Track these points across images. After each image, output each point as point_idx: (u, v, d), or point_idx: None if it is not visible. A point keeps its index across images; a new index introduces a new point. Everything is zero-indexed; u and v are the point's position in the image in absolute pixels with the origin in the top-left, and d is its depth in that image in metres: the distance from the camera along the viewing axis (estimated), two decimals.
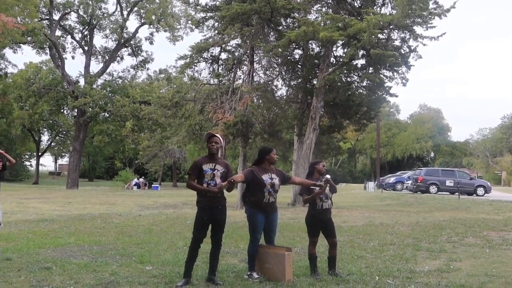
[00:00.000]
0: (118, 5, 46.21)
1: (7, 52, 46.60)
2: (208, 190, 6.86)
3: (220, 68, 24.82)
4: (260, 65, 25.10)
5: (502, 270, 8.13)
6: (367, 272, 7.86)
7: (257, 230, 7.33)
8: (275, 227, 7.56)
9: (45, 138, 71.43)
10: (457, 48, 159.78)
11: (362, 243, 11.12)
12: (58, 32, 45.68)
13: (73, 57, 52.47)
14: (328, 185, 7.46)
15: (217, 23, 24.14)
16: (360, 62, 22.37)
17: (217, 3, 23.51)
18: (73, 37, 47.65)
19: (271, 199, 7.32)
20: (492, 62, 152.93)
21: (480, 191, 34.38)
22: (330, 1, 22.79)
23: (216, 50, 24.57)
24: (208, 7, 23.80)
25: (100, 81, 46.34)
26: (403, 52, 21.05)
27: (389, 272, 7.82)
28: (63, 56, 45.41)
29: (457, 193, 29.84)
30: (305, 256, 8.35)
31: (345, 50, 21.44)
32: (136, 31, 47.36)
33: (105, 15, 46.67)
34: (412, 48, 21.16)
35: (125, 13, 46.40)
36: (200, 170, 6.93)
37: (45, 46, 43.27)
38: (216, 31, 24.05)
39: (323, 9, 23.16)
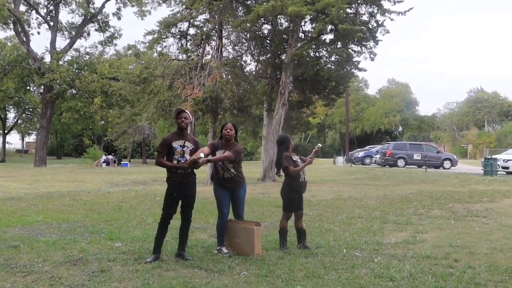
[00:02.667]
0: None
1: None
2: (178, 167, 6.85)
3: (188, 44, 24.59)
4: (229, 40, 24.94)
5: (467, 240, 8.33)
6: (335, 245, 7.97)
7: (223, 204, 7.40)
8: (241, 202, 7.60)
9: (11, 115, 70.15)
10: (426, 24, 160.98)
11: (331, 217, 11.26)
12: (22, 7, 44.62)
13: (38, 33, 51.54)
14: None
15: None
16: (329, 37, 22.44)
17: None
18: (38, 12, 46.56)
19: (226, 175, 7.36)
20: (460, 37, 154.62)
21: (447, 164, 34.99)
22: None
23: (184, 25, 24.33)
24: None
25: (67, 58, 45.55)
26: (371, 27, 21.13)
27: (356, 245, 7.95)
28: (28, 32, 44.48)
29: (424, 167, 30.32)
30: (274, 230, 8.43)
31: (314, 25, 21.42)
32: (103, 6, 46.49)
33: None
34: (380, 22, 21.26)
35: None
36: (169, 147, 6.90)
37: (9, 21, 42.18)
38: (184, 6, 23.77)
39: None
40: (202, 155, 6.77)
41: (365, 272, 6.24)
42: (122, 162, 51.20)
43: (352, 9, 21.19)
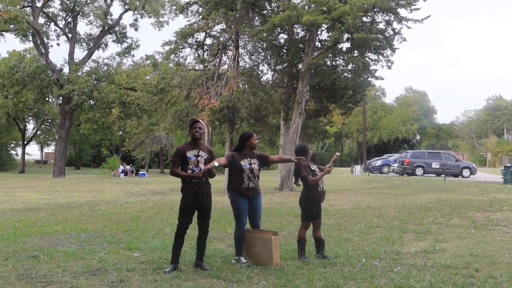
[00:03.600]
0: None
1: None
2: (192, 176, 6.87)
3: (205, 54, 24.69)
4: (245, 50, 25.01)
5: (487, 250, 8.24)
6: (354, 254, 7.92)
7: (241, 214, 7.37)
8: (259, 211, 7.59)
9: (30, 126, 70.92)
10: (444, 31, 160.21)
11: (349, 226, 11.20)
12: (41, 20, 45.18)
13: (58, 44, 52.04)
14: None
15: (201, 8, 24.01)
16: (345, 45, 22.38)
17: None
18: (56, 24, 47.16)
19: (251, 184, 7.35)
20: (479, 43, 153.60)
21: (466, 172, 34.67)
22: None
23: (201, 36, 24.43)
24: None
25: (85, 69, 45.97)
26: (387, 35, 21.05)
27: (375, 254, 7.89)
28: (47, 44, 44.97)
29: (443, 175, 30.08)
30: (292, 240, 8.40)
31: (330, 34, 21.41)
32: (120, 17, 47.03)
33: (89, 1, 46.12)
34: (397, 30, 21.17)
35: None
36: (183, 157, 6.93)
37: (28, 33, 42.77)
38: (201, 16, 23.90)
39: None
40: (216, 163, 6.79)
41: (385, 282, 6.19)
42: (139, 172, 51.43)
43: (369, 17, 21.13)
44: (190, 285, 6.15)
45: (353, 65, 22.10)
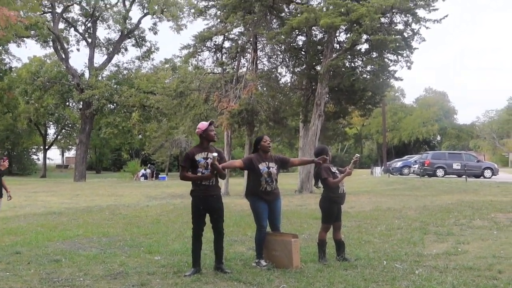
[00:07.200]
0: None
1: (11, 46, 46.59)
2: (202, 177, 6.87)
3: (223, 57, 24.79)
4: (264, 52, 25.07)
5: (510, 251, 8.13)
6: (375, 256, 7.87)
7: (261, 217, 7.35)
8: (278, 214, 7.56)
9: (51, 131, 71.70)
10: (461, 33, 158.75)
11: (370, 228, 11.13)
12: (61, 25, 45.62)
13: (78, 50, 52.20)
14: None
15: (219, 12, 24.10)
16: (364, 47, 22.30)
17: None
18: (76, 30, 47.60)
19: (268, 188, 7.31)
20: (500, 42, 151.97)
21: (488, 173, 34.27)
22: None
23: (219, 39, 24.58)
24: None
25: (105, 73, 46.33)
26: (406, 36, 20.93)
27: (396, 256, 7.82)
28: (67, 49, 45.39)
29: (464, 176, 29.79)
30: (313, 243, 8.36)
31: (348, 35, 21.34)
32: (139, 21, 47.22)
33: (108, 6, 46.46)
34: (415, 31, 21.05)
35: (127, 3, 46.23)
36: (192, 160, 6.92)
37: (48, 39, 43.21)
38: (219, 20, 24.01)
39: None
40: (215, 154, 6.73)
41: (406, 285, 6.14)
42: (159, 176, 51.65)
43: (387, 18, 21.04)
44: None
45: (372, 66, 22.02)
